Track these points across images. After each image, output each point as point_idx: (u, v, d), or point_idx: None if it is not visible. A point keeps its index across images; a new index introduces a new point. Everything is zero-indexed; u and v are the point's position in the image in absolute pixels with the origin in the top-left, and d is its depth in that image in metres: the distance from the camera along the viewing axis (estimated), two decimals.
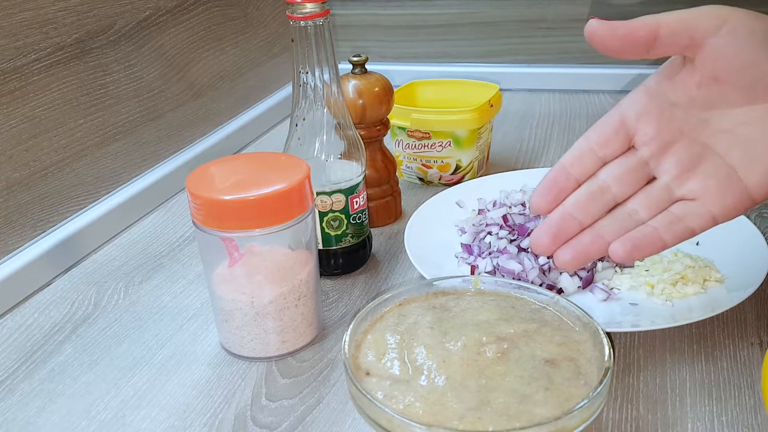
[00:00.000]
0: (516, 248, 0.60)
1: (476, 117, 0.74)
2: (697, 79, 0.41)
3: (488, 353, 0.40)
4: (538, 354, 0.40)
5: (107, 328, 0.57)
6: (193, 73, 0.85)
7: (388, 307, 0.45)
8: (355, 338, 0.43)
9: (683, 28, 0.39)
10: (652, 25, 0.40)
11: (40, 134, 0.64)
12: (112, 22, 0.72)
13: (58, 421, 0.48)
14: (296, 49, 0.55)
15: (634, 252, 0.42)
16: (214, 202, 0.47)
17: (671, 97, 0.42)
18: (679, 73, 0.42)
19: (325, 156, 0.58)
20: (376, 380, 0.39)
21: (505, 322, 0.43)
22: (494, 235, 0.62)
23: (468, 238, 0.63)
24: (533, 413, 0.36)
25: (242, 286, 0.50)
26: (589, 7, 1.05)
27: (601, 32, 0.42)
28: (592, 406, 0.36)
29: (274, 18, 1.01)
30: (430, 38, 1.15)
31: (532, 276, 0.57)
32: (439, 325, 0.43)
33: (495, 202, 0.67)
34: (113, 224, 0.72)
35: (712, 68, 0.40)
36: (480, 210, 0.67)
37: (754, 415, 0.45)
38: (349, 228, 0.60)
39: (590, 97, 1.06)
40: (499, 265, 0.59)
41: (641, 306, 0.54)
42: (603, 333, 0.40)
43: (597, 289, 0.56)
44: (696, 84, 0.41)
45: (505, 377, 0.39)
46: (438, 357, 0.40)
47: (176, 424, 0.47)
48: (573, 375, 0.39)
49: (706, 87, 0.41)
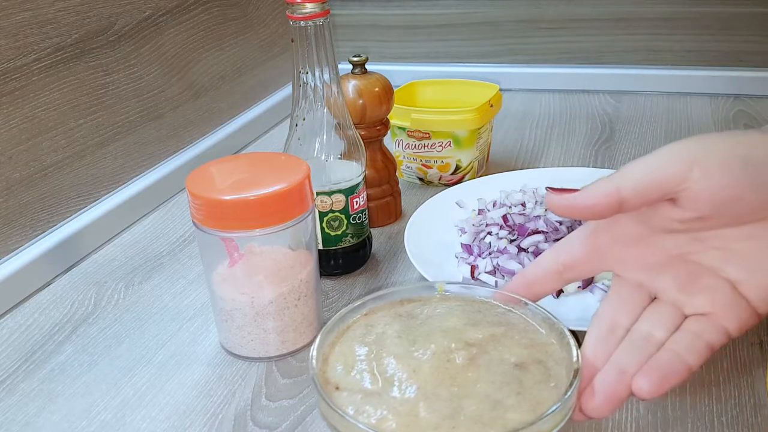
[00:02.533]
0: (516, 248, 0.60)
1: (476, 117, 0.74)
2: (678, 216, 0.37)
3: (458, 360, 0.40)
4: (507, 358, 0.40)
5: (107, 328, 0.57)
6: (193, 73, 0.85)
7: (354, 318, 0.45)
8: (323, 351, 0.42)
9: (650, 184, 0.36)
10: (612, 193, 0.37)
11: (40, 134, 0.64)
12: (112, 22, 0.72)
13: (57, 421, 0.48)
14: (296, 49, 0.55)
15: (662, 384, 0.37)
16: (214, 202, 0.47)
17: (649, 222, 0.39)
18: (660, 206, 0.38)
19: (325, 156, 0.58)
20: (347, 394, 0.39)
21: (472, 327, 0.43)
22: (494, 235, 0.62)
23: (468, 238, 0.63)
24: (506, 419, 0.36)
25: (242, 286, 0.50)
26: (589, 7, 1.05)
27: (561, 208, 0.39)
28: (564, 408, 0.36)
29: (274, 18, 1.01)
30: (430, 38, 1.15)
31: None
32: (407, 333, 0.42)
33: (495, 202, 0.67)
34: (113, 224, 0.72)
35: (694, 209, 0.37)
36: (480, 210, 0.67)
37: (755, 415, 0.45)
38: (349, 228, 0.60)
39: (590, 97, 1.06)
40: (499, 265, 0.58)
41: None
42: (569, 334, 0.40)
43: (597, 289, 0.56)
44: (679, 221, 0.38)
45: (477, 383, 0.38)
46: (408, 367, 0.40)
47: (176, 425, 0.47)
48: (543, 378, 0.39)
49: (690, 224, 0.38)
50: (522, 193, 0.67)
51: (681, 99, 1.03)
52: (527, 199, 0.66)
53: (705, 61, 1.05)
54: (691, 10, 1.02)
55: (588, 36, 1.08)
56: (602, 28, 1.07)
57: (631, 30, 1.05)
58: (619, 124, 0.95)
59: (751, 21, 1.01)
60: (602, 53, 1.08)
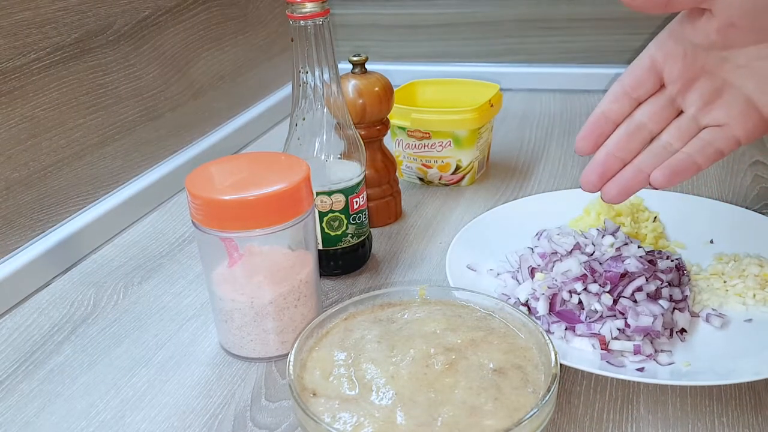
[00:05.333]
0: (632, 300, 0.50)
1: (476, 117, 0.74)
2: (715, 25, 0.43)
3: (436, 365, 0.40)
4: (485, 363, 0.40)
5: (106, 328, 0.57)
6: (192, 73, 0.85)
7: (333, 322, 0.45)
8: (300, 357, 0.42)
9: None
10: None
11: (39, 134, 0.64)
12: (112, 21, 0.72)
13: (57, 421, 0.48)
14: (296, 49, 0.55)
15: (673, 177, 0.47)
16: (213, 202, 0.47)
17: (693, 40, 0.46)
18: (699, 19, 0.44)
19: (325, 156, 0.57)
20: (324, 400, 0.39)
21: (452, 332, 0.43)
22: (581, 293, 0.51)
23: (543, 306, 0.52)
24: (483, 425, 0.36)
25: (242, 286, 0.50)
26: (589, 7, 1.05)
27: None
28: (541, 414, 0.36)
29: (273, 18, 1.01)
30: (430, 38, 1.15)
31: (658, 325, 0.49)
32: (386, 338, 0.42)
33: (543, 254, 0.57)
34: (112, 224, 0.72)
35: (727, 16, 0.43)
36: (534, 269, 0.56)
37: (755, 415, 0.45)
38: (349, 228, 0.60)
39: (590, 97, 1.06)
40: (629, 325, 0.49)
41: (756, 321, 0.52)
42: (548, 339, 0.40)
43: (712, 316, 0.52)
44: (715, 30, 0.44)
45: (454, 389, 0.38)
46: (386, 372, 0.40)
47: (176, 425, 0.47)
48: (521, 383, 0.39)
49: (724, 31, 0.44)
50: (565, 235, 0.58)
51: None
52: (581, 241, 0.56)
53: None
54: None
55: (588, 36, 1.08)
56: (602, 28, 1.06)
57: (631, 30, 1.05)
58: None
59: None
60: (602, 53, 1.08)
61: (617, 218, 0.62)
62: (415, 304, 0.46)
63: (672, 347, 0.50)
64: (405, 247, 0.67)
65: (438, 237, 0.68)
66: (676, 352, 0.49)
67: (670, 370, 0.47)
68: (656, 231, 0.63)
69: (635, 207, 0.65)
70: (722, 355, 0.49)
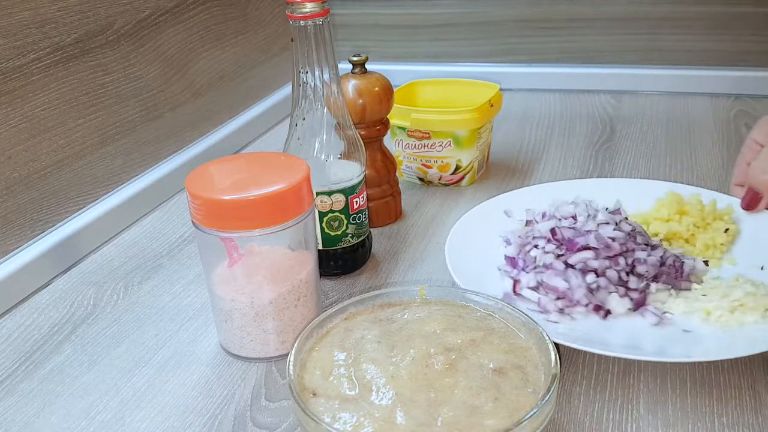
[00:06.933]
0: (563, 264, 0.55)
1: (476, 117, 0.74)
2: None
3: (436, 365, 0.40)
4: (485, 363, 0.40)
5: (106, 328, 0.57)
6: (192, 73, 0.85)
7: (333, 322, 0.45)
8: (300, 357, 0.42)
9: None
10: None
11: (39, 134, 0.64)
12: (112, 21, 0.72)
13: (57, 421, 0.48)
14: (296, 49, 0.55)
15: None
16: (213, 202, 0.47)
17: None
18: None
19: (325, 156, 0.57)
20: (324, 400, 0.39)
21: (452, 332, 0.43)
22: (540, 248, 0.58)
23: (513, 250, 0.60)
24: (483, 425, 0.36)
25: (242, 286, 0.50)
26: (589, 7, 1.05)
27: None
28: (541, 414, 0.36)
29: (273, 18, 1.01)
30: (430, 38, 1.15)
31: (578, 295, 0.53)
32: (386, 338, 0.42)
33: (544, 214, 0.63)
34: (112, 224, 0.72)
35: None
36: (528, 221, 0.64)
37: (755, 415, 0.45)
38: (349, 228, 0.60)
39: (590, 97, 1.06)
40: (543, 281, 0.54)
41: (695, 333, 0.50)
42: (549, 339, 0.40)
43: (648, 312, 0.52)
44: None
45: (454, 389, 0.38)
46: (386, 372, 0.39)
47: (176, 425, 0.47)
48: (521, 383, 0.39)
49: None
50: (573, 205, 0.63)
51: (681, 99, 1.03)
52: (579, 212, 0.61)
53: (705, 61, 1.05)
54: (691, 9, 1.02)
55: (588, 36, 1.08)
56: (602, 28, 1.06)
57: (631, 30, 1.05)
58: (620, 124, 0.95)
59: (751, 21, 1.01)
60: (602, 53, 1.08)
61: (681, 216, 0.61)
62: (415, 304, 0.46)
63: (585, 319, 0.52)
64: (405, 247, 0.67)
65: (438, 237, 0.68)
66: (583, 324, 0.52)
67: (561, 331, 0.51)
68: (713, 241, 0.60)
69: (711, 214, 0.62)
70: (615, 336, 0.51)
